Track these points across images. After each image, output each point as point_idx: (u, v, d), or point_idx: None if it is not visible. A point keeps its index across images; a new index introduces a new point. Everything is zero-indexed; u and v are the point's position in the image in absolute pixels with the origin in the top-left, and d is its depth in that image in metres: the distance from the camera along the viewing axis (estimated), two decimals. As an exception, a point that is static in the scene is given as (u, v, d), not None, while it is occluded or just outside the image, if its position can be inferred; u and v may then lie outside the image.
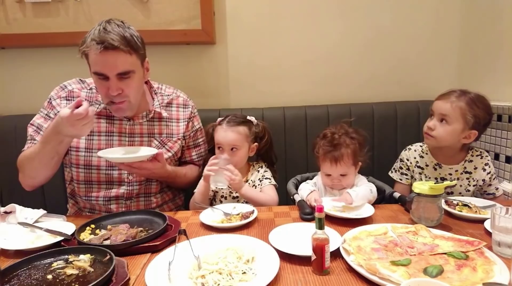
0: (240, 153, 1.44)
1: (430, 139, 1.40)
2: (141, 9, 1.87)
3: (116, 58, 1.19)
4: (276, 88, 2.03)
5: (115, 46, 1.17)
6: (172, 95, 1.50)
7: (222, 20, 1.95)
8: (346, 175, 1.36)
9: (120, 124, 1.39)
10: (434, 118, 1.39)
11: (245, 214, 1.20)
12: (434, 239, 0.99)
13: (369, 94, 2.01)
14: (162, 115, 1.44)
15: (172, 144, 1.47)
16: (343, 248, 0.94)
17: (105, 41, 1.16)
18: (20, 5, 1.84)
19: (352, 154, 1.34)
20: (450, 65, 2.03)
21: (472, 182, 1.44)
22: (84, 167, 1.38)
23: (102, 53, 1.17)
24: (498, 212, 0.95)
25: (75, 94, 1.38)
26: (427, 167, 1.49)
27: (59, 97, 1.38)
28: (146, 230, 1.10)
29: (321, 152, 1.37)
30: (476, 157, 1.45)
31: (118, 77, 1.22)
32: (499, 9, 1.70)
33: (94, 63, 1.21)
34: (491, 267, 0.83)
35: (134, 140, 1.41)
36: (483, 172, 1.44)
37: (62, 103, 1.37)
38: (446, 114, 1.35)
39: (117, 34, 1.18)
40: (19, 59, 1.95)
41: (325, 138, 1.39)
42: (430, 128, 1.38)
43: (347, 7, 1.97)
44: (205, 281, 0.81)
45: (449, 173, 1.46)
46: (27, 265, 0.90)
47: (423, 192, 1.10)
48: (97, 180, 1.40)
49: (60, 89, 1.40)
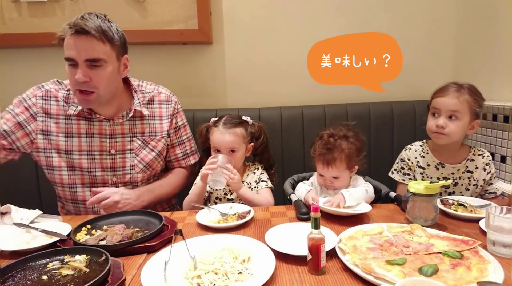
0: (238, 155, 1.43)
1: (443, 137, 1.36)
2: (137, 9, 1.86)
3: (86, 43, 1.20)
4: (273, 88, 2.03)
5: (86, 30, 1.18)
6: (153, 92, 1.47)
7: (219, 20, 1.95)
8: (338, 178, 1.35)
9: (99, 125, 1.37)
10: (442, 116, 1.36)
11: (242, 214, 1.20)
12: (429, 238, 0.99)
13: (366, 94, 2.00)
14: (143, 114, 1.41)
15: (155, 143, 1.44)
16: (338, 248, 0.94)
17: (78, 25, 1.17)
18: (15, 5, 1.84)
19: (346, 159, 1.32)
20: (446, 65, 2.04)
21: (472, 181, 1.44)
22: (68, 169, 1.37)
23: (73, 37, 1.19)
24: (493, 212, 0.95)
25: (52, 93, 1.36)
26: (429, 167, 1.47)
27: (34, 96, 1.35)
28: (142, 230, 1.10)
29: (316, 153, 1.37)
30: (478, 157, 1.44)
31: (87, 64, 1.21)
32: (494, 10, 1.71)
33: (66, 48, 1.21)
34: (485, 266, 0.83)
35: (115, 141, 1.39)
36: (484, 172, 1.43)
37: (38, 103, 1.34)
38: (456, 109, 1.33)
39: (93, 22, 1.20)
40: (15, 59, 1.95)
41: (321, 140, 1.38)
42: (442, 126, 1.35)
43: (344, 7, 1.97)
44: (201, 281, 0.81)
45: (452, 172, 1.44)
46: (22, 266, 0.90)
47: (419, 192, 1.11)
48: (81, 182, 1.38)
49: (37, 88, 1.37)
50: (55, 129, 1.35)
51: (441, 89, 1.40)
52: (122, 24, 1.33)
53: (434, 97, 1.40)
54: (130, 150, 1.40)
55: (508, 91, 1.64)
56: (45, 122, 1.35)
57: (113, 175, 1.39)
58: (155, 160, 1.45)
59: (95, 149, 1.37)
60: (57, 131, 1.35)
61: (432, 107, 1.40)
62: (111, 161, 1.39)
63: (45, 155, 1.36)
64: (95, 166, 1.37)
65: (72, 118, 1.36)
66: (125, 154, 1.40)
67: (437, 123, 1.36)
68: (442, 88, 1.39)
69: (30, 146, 1.35)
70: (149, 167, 1.44)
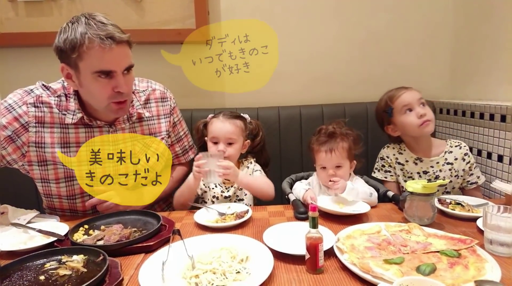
0: (235, 146, 1.41)
1: (430, 124, 1.43)
2: (135, 8, 1.86)
3: (125, 52, 1.15)
4: (271, 87, 2.02)
5: (123, 39, 1.12)
6: (148, 90, 1.41)
7: (217, 20, 1.95)
8: (341, 167, 1.36)
9: (100, 132, 1.28)
10: (417, 107, 1.43)
11: (240, 213, 1.20)
12: (427, 237, 0.99)
13: (363, 94, 2.01)
14: (142, 116, 1.36)
15: (157, 146, 1.39)
16: (336, 247, 0.94)
17: (113, 35, 1.09)
18: (12, 4, 1.82)
19: (347, 147, 1.36)
20: (443, 66, 2.05)
21: (454, 172, 1.49)
22: (66, 180, 1.29)
23: (112, 49, 1.09)
24: (490, 211, 0.96)
25: (43, 99, 1.22)
26: (407, 163, 1.53)
27: (25, 104, 1.20)
28: (140, 230, 1.10)
29: (316, 144, 1.39)
30: (455, 148, 1.51)
31: (123, 73, 1.17)
32: (491, 10, 1.71)
33: (99, 61, 1.10)
34: (482, 264, 0.84)
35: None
36: (463, 162, 1.49)
37: (30, 112, 1.19)
38: (421, 97, 1.45)
39: (115, 26, 1.14)
40: (11, 59, 1.93)
41: (320, 132, 1.42)
42: (425, 114, 1.42)
43: (342, 8, 1.97)
44: (199, 280, 0.81)
45: (431, 166, 1.50)
46: (20, 266, 0.89)
47: (416, 191, 1.11)
48: (81, 192, 1.31)
49: (25, 93, 1.22)
50: (49, 140, 1.23)
51: (393, 92, 1.51)
52: (119, 23, 1.31)
53: (396, 99, 1.48)
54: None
55: (504, 91, 1.65)
56: (38, 133, 1.22)
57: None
58: (159, 163, 1.42)
59: None
60: (52, 141, 1.23)
61: (402, 105, 1.46)
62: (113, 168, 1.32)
63: (40, 168, 1.26)
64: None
65: (69, 127, 1.25)
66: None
67: (420, 113, 1.42)
68: (394, 91, 1.51)
69: (21, 159, 1.24)
70: (152, 170, 1.40)
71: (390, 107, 1.48)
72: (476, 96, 1.40)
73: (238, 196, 1.45)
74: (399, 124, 1.49)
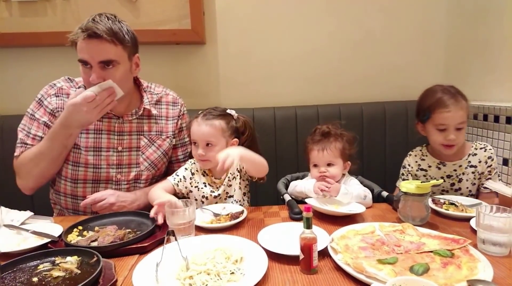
0: (216, 149, 1.32)
1: (454, 148, 1.39)
2: (130, 8, 1.85)
3: (98, 46, 1.21)
4: (266, 88, 2.03)
5: (98, 34, 1.20)
6: (161, 93, 1.51)
7: (212, 20, 1.95)
8: (333, 165, 1.37)
9: (109, 122, 1.39)
10: (452, 131, 1.36)
11: (235, 214, 1.20)
12: (420, 237, 1.00)
13: (358, 95, 2.02)
14: (151, 113, 1.44)
15: (161, 142, 1.47)
16: (331, 247, 0.94)
17: (90, 29, 1.20)
18: (6, 4, 1.81)
19: (340, 147, 1.37)
20: (438, 66, 2.06)
21: (477, 175, 1.45)
22: (72, 164, 1.37)
23: (86, 41, 1.21)
24: (483, 211, 0.97)
25: (64, 91, 1.39)
26: (430, 168, 1.49)
27: (49, 95, 1.38)
28: (134, 231, 1.10)
29: (311, 143, 1.41)
30: (480, 150, 1.45)
31: (100, 65, 1.23)
32: (485, 11, 1.73)
33: (79, 50, 1.23)
34: (475, 264, 0.84)
35: (123, 138, 1.40)
36: (485, 165, 1.44)
37: (52, 101, 1.37)
38: (464, 120, 1.37)
39: (104, 25, 1.22)
40: (5, 59, 1.92)
41: (315, 132, 1.44)
42: (453, 140, 1.36)
43: (337, 8, 1.98)
44: (193, 282, 0.81)
45: (454, 169, 1.46)
46: (12, 268, 0.89)
47: (410, 191, 1.12)
48: (84, 178, 1.38)
49: (49, 87, 1.40)
50: None
51: (439, 103, 1.38)
52: (114, 24, 1.32)
53: (436, 113, 1.38)
54: (136, 148, 1.42)
55: (499, 92, 1.66)
56: None
57: (118, 172, 1.40)
58: (160, 160, 1.47)
59: (102, 146, 1.38)
60: None
61: (438, 123, 1.38)
62: (117, 158, 1.40)
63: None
64: (101, 162, 1.38)
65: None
66: (131, 152, 1.42)
67: (448, 138, 1.36)
68: (440, 102, 1.37)
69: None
70: (154, 166, 1.46)
71: (428, 113, 1.41)
72: (470, 97, 1.41)
73: (228, 192, 1.41)
74: (427, 131, 1.45)
